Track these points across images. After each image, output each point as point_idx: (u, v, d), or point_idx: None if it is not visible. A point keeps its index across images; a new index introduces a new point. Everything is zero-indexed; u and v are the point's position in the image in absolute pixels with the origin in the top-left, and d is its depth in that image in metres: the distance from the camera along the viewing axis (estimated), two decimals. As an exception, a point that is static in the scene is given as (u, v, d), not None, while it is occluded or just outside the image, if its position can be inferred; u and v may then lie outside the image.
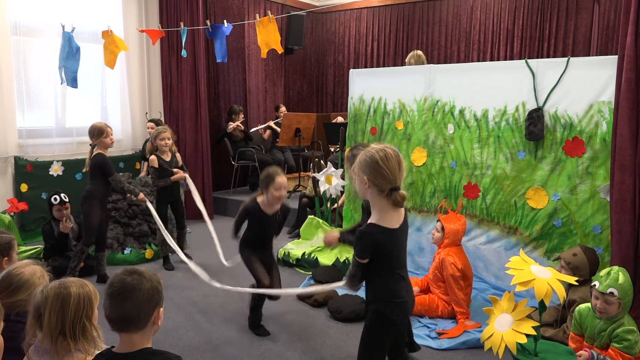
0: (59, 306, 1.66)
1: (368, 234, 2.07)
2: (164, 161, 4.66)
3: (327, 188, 5.11)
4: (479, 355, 3.15)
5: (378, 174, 2.02)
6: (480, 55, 7.77)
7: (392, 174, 2.02)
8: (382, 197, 2.05)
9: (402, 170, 2.05)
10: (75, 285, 1.72)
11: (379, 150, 2.04)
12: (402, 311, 2.21)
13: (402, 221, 2.15)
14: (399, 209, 2.10)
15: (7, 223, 4.84)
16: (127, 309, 1.57)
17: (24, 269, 2.06)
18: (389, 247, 2.10)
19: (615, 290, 2.50)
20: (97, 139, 4.22)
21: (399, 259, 2.18)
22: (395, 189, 2.03)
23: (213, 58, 6.81)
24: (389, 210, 2.08)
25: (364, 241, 2.08)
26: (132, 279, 1.59)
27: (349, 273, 2.17)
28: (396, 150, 2.08)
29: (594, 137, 3.64)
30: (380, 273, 2.14)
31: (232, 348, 3.29)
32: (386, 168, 2.01)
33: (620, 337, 2.52)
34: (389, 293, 2.16)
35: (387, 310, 2.16)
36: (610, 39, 6.67)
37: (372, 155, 2.04)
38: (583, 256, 3.15)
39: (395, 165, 2.02)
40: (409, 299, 2.22)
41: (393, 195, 2.03)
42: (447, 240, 3.62)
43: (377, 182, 2.03)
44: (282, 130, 6.98)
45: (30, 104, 5.77)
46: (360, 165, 2.08)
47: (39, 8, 5.67)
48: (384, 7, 8.71)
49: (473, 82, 4.21)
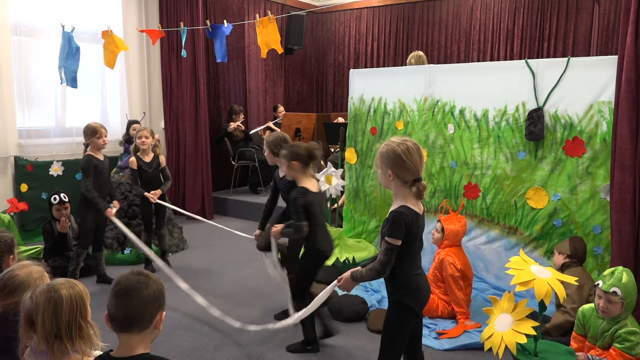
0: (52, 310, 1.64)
1: (404, 213, 2.13)
2: (144, 162, 4.62)
3: (327, 188, 5.11)
4: (479, 355, 3.16)
5: (402, 167, 2.13)
6: (480, 55, 7.77)
7: (415, 166, 2.13)
8: (406, 188, 2.16)
9: (423, 162, 2.17)
10: (64, 287, 1.70)
11: (400, 144, 2.14)
12: (420, 299, 2.29)
13: (422, 213, 2.25)
14: (419, 200, 2.20)
15: (7, 223, 4.84)
16: (132, 307, 1.57)
17: (19, 270, 2.06)
18: (416, 229, 2.17)
19: (618, 290, 2.50)
20: (90, 138, 4.17)
21: (419, 246, 2.26)
22: (418, 180, 2.13)
23: (213, 58, 6.81)
24: (412, 199, 2.17)
25: (400, 220, 2.12)
26: (139, 279, 1.60)
27: (380, 261, 2.16)
28: (416, 143, 2.18)
29: (594, 137, 3.64)
30: (403, 261, 2.19)
31: (232, 348, 3.29)
32: (409, 161, 2.12)
33: (622, 338, 2.52)
34: (408, 281, 2.24)
35: (407, 299, 2.24)
36: (610, 39, 6.67)
37: (394, 149, 2.13)
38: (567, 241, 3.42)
39: (417, 158, 2.14)
40: (425, 286, 2.30)
41: (416, 186, 2.13)
42: (446, 241, 3.62)
43: (401, 174, 2.14)
44: (282, 130, 6.97)
45: (30, 104, 5.77)
46: (383, 159, 2.18)
47: (39, 8, 5.67)
48: (384, 7, 8.70)
49: (473, 82, 4.21)
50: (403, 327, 2.28)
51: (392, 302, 2.31)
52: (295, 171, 3.13)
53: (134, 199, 5.23)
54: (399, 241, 2.14)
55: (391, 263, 2.15)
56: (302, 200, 3.01)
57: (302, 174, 3.13)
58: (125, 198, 5.22)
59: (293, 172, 3.15)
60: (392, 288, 2.29)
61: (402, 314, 2.27)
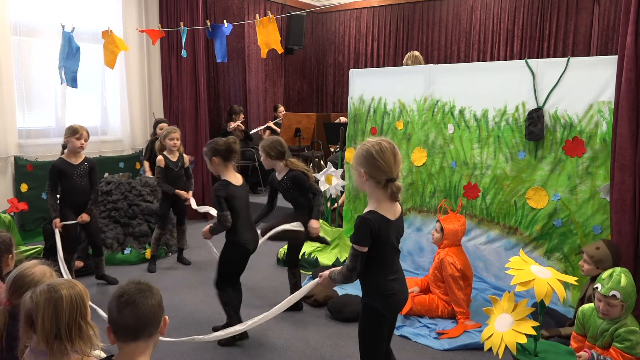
0: (52, 310, 1.64)
1: (368, 219, 2.09)
2: (170, 161, 4.67)
3: (327, 188, 5.11)
4: (479, 355, 3.16)
5: (374, 167, 2.08)
6: (480, 55, 7.77)
7: (388, 166, 2.07)
8: (379, 189, 2.11)
9: (397, 162, 2.10)
10: (65, 287, 1.70)
11: (375, 144, 2.09)
12: (391, 304, 2.23)
13: (398, 216, 2.19)
14: (394, 202, 2.16)
15: (8, 223, 4.84)
16: (143, 314, 1.56)
17: (34, 269, 2.06)
18: (385, 235, 2.12)
19: (617, 293, 2.49)
20: (68, 137, 3.99)
21: (392, 251, 2.21)
22: (391, 180, 2.08)
23: (213, 58, 6.81)
24: (386, 202, 2.13)
25: (364, 227, 2.08)
26: (141, 287, 1.61)
27: (347, 267, 2.15)
28: (391, 143, 2.13)
29: (594, 137, 3.64)
30: (374, 266, 2.17)
31: (232, 348, 3.29)
32: (382, 160, 2.06)
33: (622, 337, 2.52)
34: (379, 286, 2.19)
35: (376, 303, 2.21)
36: (610, 39, 6.67)
37: (368, 149, 2.09)
38: (606, 249, 3.07)
39: (391, 157, 2.08)
40: (399, 291, 2.24)
41: (389, 187, 2.08)
42: (446, 241, 3.62)
43: (373, 174, 2.09)
44: (282, 130, 6.98)
45: (30, 104, 5.77)
46: (357, 159, 2.14)
47: (39, 8, 5.67)
48: (384, 7, 8.71)
49: (473, 82, 4.21)
50: (375, 331, 2.25)
51: (363, 306, 2.27)
52: (217, 166, 3.23)
53: (133, 199, 5.23)
54: (364, 248, 2.10)
55: (357, 269, 2.12)
56: (222, 192, 3.12)
57: (224, 168, 3.24)
58: (125, 198, 5.22)
59: (215, 167, 3.25)
60: (364, 292, 2.27)
61: (373, 318, 2.23)
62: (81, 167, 4.07)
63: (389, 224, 2.13)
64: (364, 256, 2.11)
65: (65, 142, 4.05)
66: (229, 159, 3.24)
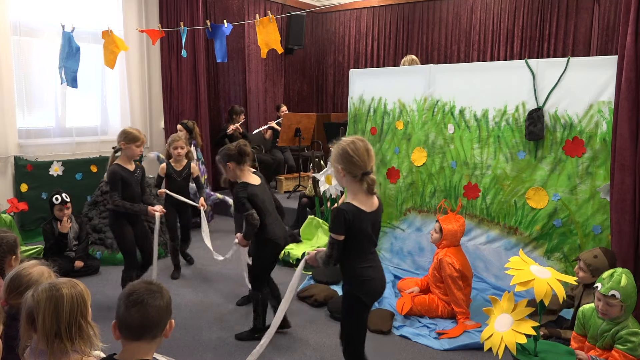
0: (53, 309, 1.64)
1: (343, 210, 2.31)
2: (174, 170, 4.48)
3: (327, 188, 5.11)
4: (479, 355, 3.16)
5: (350, 162, 2.31)
6: (480, 55, 7.76)
7: (362, 161, 2.30)
8: (356, 183, 2.34)
9: (370, 157, 2.33)
10: (66, 286, 1.71)
11: (350, 143, 2.33)
12: (371, 290, 2.45)
13: (375, 209, 2.40)
14: (371, 196, 2.38)
15: (9, 223, 4.84)
16: (149, 315, 1.57)
17: (32, 269, 2.07)
18: (358, 225, 2.32)
19: (617, 293, 2.49)
20: (126, 145, 3.61)
21: (368, 241, 2.41)
22: (366, 174, 2.30)
23: (213, 58, 6.81)
24: (362, 195, 2.35)
25: (340, 217, 2.30)
26: (152, 287, 1.61)
27: (325, 253, 2.37)
28: (364, 140, 2.36)
29: (594, 137, 3.64)
30: (351, 254, 2.39)
31: (232, 348, 3.29)
32: (356, 156, 2.30)
33: (624, 339, 2.52)
34: (356, 273, 2.41)
35: (355, 290, 2.43)
36: (610, 39, 6.66)
37: (344, 147, 2.33)
38: (604, 258, 3.05)
39: (364, 153, 2.31)
40: (376, 278, 2.45)
41: (364, 179, 2.30)
42: (445, 241, 3.62)
43: (349, 169, 2.32)
44: (282, 130, 6.98)
45: (30, 104, 5.77)
46: (334, 157, 2.37)
47: (39, 8, 5.67)
48: (384, 7, 8.70)
49: (473, 82, 4.21)
50: (356, 317, 2.47)
51: (344, 294, 2.53)
52: (233, 171, 3.29)
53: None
54: (340, 236, 2.32)
55: (334, 256, 2.35)
56: (243, 193, 3.18)
57: (240, 171, 3.30)
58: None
59: (232, 172, 3.30)
60: (344, 279, 2.51)
61: (352, 304, 2.45)
62: (136, 173, 3.75)
63: (364, 215, 2.33)
64: (340, 244, 2.33)
65: (119, 147, 3.66)
66: (243, 162, 3.28)
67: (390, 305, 3.83)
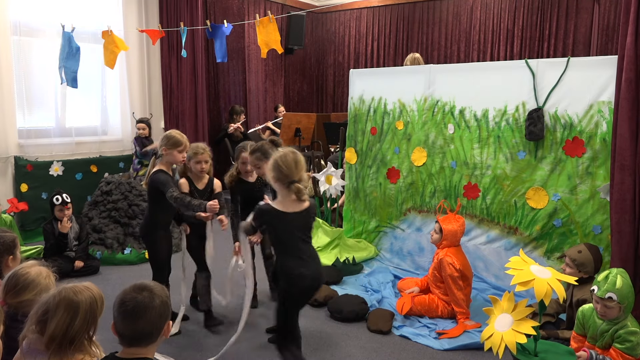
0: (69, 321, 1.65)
1: (261, 209, 2.64)
2: (196, 188, 3.52)
3: (327, 188, 5.11)
4: (479, 355, 3.16)
5: (279, 172, 2.59)
6: (480, 55, 7.77)
7: (289, 171, 2.57)
8: (284, 189, 2.61)
9: (298, 168, 2.60)
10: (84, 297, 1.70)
11: (281, 155, 2.61)
12: (297, 285, 2.64)
13: (300, 210, 2.63)
14: (300, 200, 2.61)
15: (9, 223, 4.84)
16: (140, 327, 1.58)
17: (29, 269, 2.07)
18: (275, 224, 2.63)
19: (613, 295, 2.49)
20: (169, 150, 3.24)
21: (292, 239, 2.64)
22: (292, 182, 2.57)
23: (213, 58, 6.80)
24: (288, 199, 2.62)
25: (257, 213, 2.66)
26: (144, 297, 1.60)
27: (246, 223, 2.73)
28: (295, 152, 2.64)
29: (594, 137, 3.64)
30: (281, 251, 2.70)
31: (232, 348, 3.29)
32: (284, 166, 2.57)
33: (622, 338, 2.52)
34: (286, 269, 2.65)
35: (286, 285, 2.67)
36: (610, 39, 6.67)
37: (275, 159, 2.62)
38: (588, 253, 3.13)
39: (292, 164, 2.58)
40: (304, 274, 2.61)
41: (291, 187, 2.57)
42: (445, 242, 3.62)
43: (278, 177, 2.60)
44: (282, 130, 6.97)
45: (30, 104, 5.77)
46: (269, 166, 2.67)
47: (39, 8, 5.67)
48: (384, 7, 8.71)
49: (473, 82, 4.21)
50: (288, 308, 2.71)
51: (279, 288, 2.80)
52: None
53: (133, 199, 5.24)
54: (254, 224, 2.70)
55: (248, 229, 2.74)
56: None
57: None
58: (125, 198, 5.22)
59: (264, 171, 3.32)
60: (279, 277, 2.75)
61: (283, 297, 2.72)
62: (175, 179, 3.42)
63: (284, 216, 2.60)
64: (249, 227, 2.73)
65: (161, 152, 3.29)
66: None
67: (390, 305, 3.83)
